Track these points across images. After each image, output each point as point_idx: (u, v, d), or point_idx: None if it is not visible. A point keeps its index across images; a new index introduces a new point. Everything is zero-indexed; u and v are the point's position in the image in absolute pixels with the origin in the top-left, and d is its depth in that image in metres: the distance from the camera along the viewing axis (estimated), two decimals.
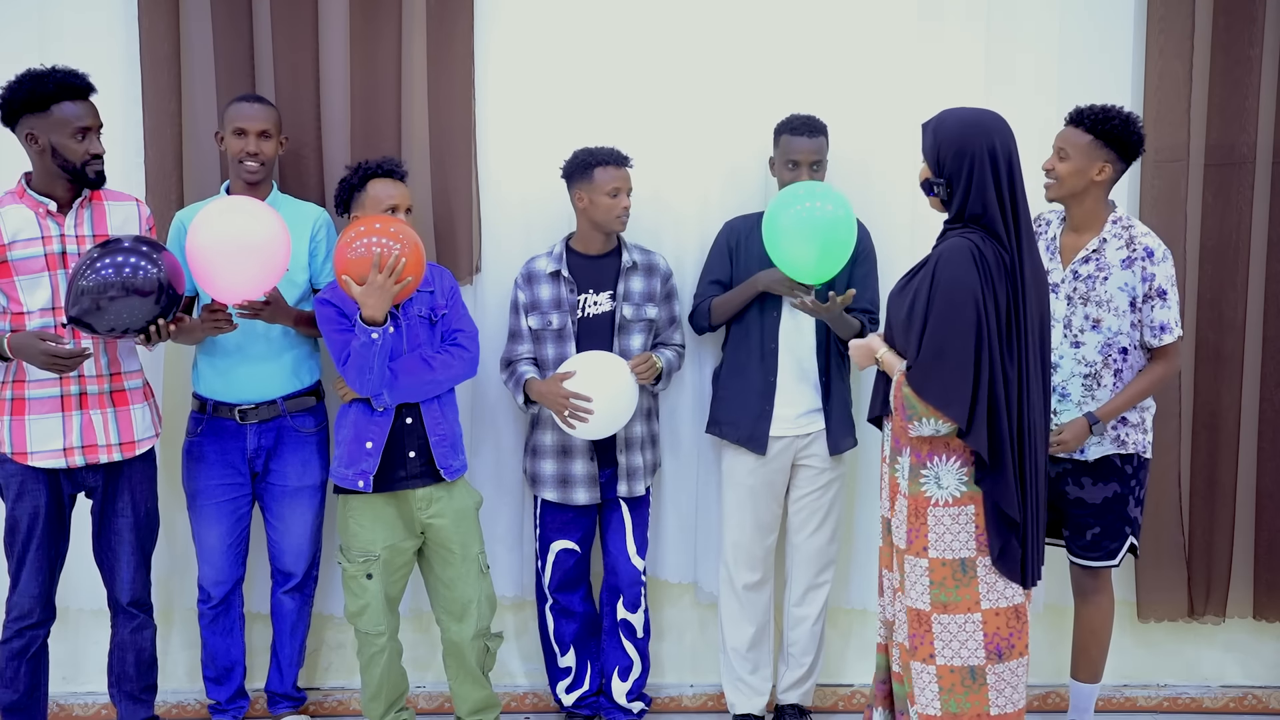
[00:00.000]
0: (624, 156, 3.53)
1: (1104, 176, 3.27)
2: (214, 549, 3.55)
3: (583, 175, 3.51)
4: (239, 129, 3.42)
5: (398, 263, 3.12)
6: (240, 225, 3.17)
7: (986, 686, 2.76)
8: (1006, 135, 2.78)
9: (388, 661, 3.49)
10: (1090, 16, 3.75)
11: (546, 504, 3.64)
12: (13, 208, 3.18)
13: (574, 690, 3.75)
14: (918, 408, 2.73)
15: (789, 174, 3.52)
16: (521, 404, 3.57)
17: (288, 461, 3.53)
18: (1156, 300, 3.27)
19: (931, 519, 2.78)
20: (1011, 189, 2.75)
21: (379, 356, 3.20)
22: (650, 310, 3.61)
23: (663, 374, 3.58)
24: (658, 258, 3.68)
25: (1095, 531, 3.38)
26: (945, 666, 2.77)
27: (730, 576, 3.71)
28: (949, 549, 2.76)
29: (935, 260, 2.75)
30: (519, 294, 3.61)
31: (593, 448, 3.58)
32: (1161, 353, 3.33)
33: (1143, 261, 3.26)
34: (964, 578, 2.76)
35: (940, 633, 2.77)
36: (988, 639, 2.76)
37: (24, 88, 3.10)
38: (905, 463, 2.85)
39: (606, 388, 3.43)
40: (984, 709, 2.77)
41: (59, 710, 3.85)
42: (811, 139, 3.51)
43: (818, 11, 3.74)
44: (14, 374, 3.19)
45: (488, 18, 3.76)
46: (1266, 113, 3.70)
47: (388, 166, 3.38)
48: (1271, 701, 3.96)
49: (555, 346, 3.57)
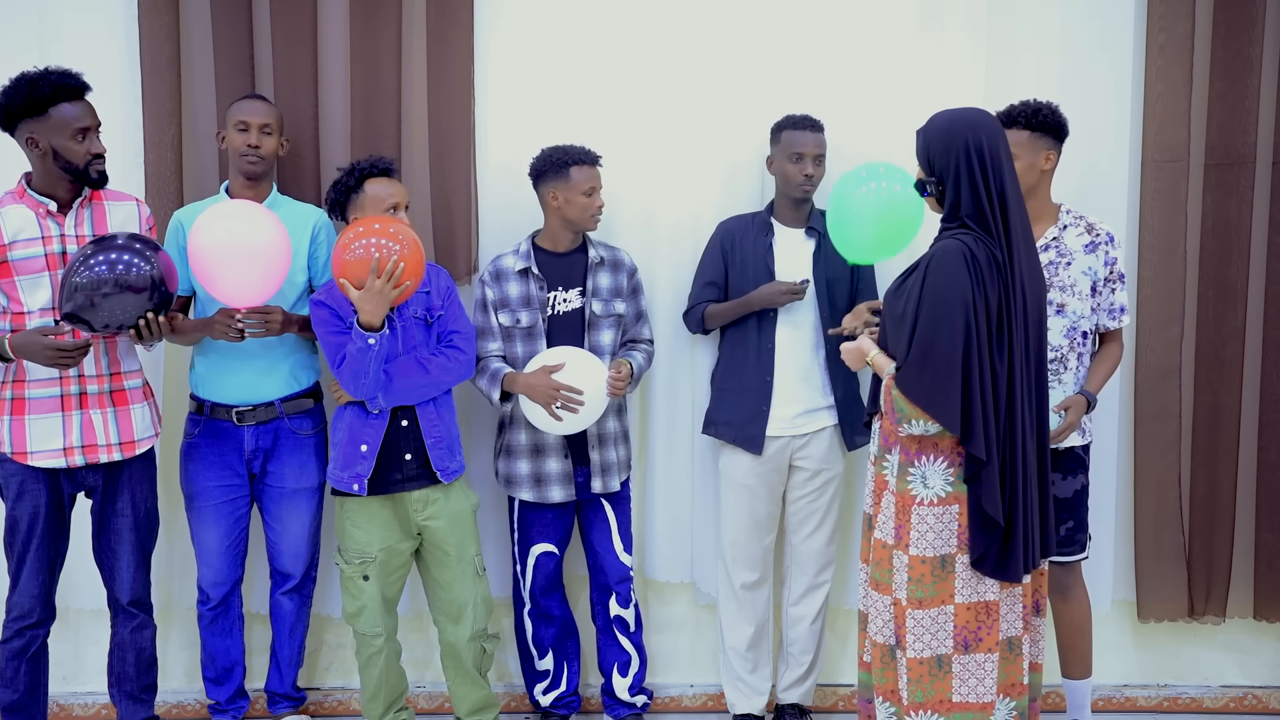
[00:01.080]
0: (595, 155, 3.54)
1: (1051, 164, 3.39)
2: (212, 550, 3.55)
3: (557, 174, 3.50)
4: (241, 123, 3.43)
5: (396, 267, 3.10)
6: (243, 231, 3.17)
7: (951, 675, 2.80)
8: (992, 132, 2.78)
9: (386, 662, 3.49)
10: (1090, 17, 3.75)
11: (524, 506, 3.62)
12: (13, 208, 3.18)
13: (551, 692, 3.75)
14: (905, 410, 2.74)
15: (792, 166, 3.53)
16: (496, 399, 3.54)
17: (285, 463, 3.53)
18: (1117, 283, 3.40)
19: (915, 517, 2.79)
20: (1000, 184, 2.75)
21: (375, 361, 3.19)
22: (619, 305, 3.61)
23: (633, 378, 3.58)
24: (622, 253, 3.68)
25: (1069, 526, 3.42)
26: (915, 659, 2.81)
27: (729, 576, 3.71)
28: (930, 546, 2.78)
29: (927, 262, 2.76)
30: (486, 291, 3.58)
31: (566, 445, 3.57)
32: (1116, 334, 3.46)
33: (1105, 246, 3.38)
34: (942, 573, 2.78)
35: (913, 627, 2.80)
36: (957, 630, 2.79)
37: (20, 92, 3.10)
38: (894, 461, 2.86)
39: (592, 380, 3.43)
40: (946, 695, 2.81)
41: (59, 710, 3.86)
42: (815, 133, 3.55)
43: (818, 13, 3.74)
44: (14, 374, 3.19)
45: (488, 18, 3.76)
46: (1266, 113, 3.70)
47: (382, 165, 3.37)
48: (1271, 701, 3.96)
49: (525, 344, 3.55)
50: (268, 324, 3.33)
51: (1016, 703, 2.87)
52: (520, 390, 3.46)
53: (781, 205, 3.63)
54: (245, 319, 3.29)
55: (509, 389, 3.49)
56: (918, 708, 2.82)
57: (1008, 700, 2.87)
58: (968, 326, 2.67)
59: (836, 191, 3.38)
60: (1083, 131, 3.70)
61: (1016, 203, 2.78)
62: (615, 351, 3.61)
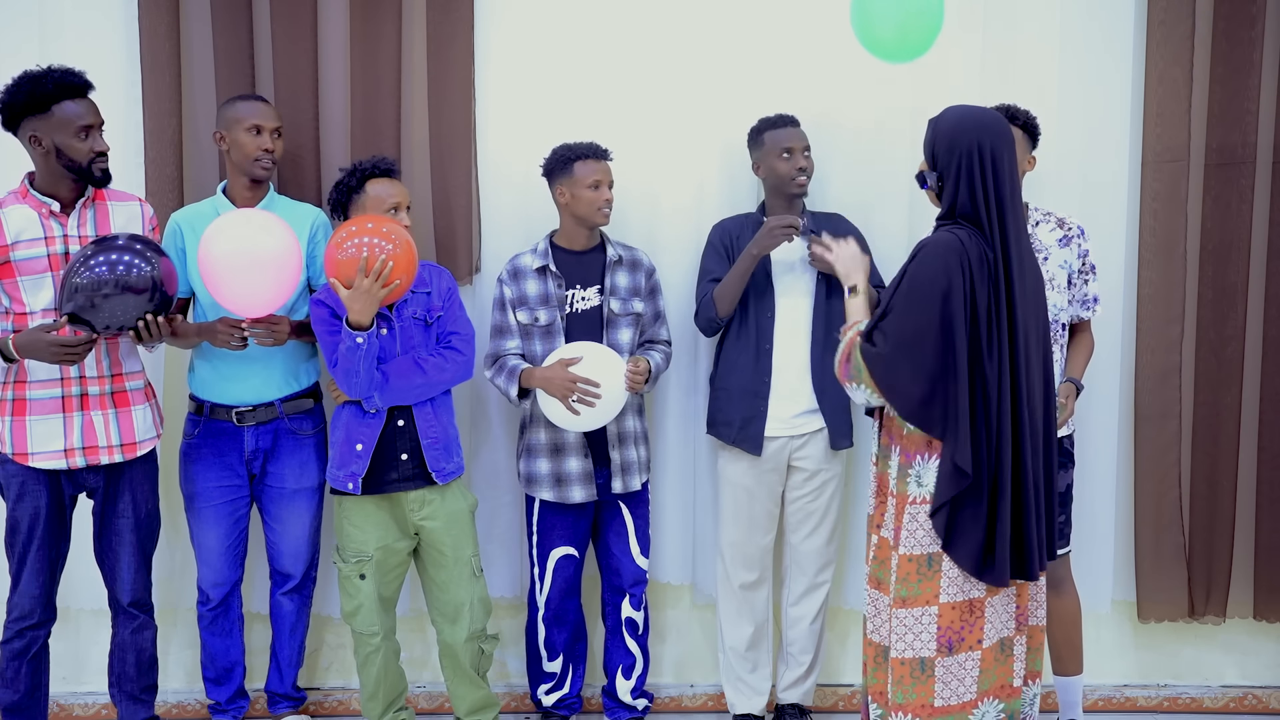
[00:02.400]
0: (603, 150, 3.53)
1: (1032, 165, 3.48)
2: (212, 550, 3.55)
3: (563, 170, 3.50)
4: (255, 126, 3.41)
5: (385, 266, 3.09)
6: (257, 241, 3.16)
7: (934, 679, 2.78)
8: (999, 136, 2.77)
9: (384, 661, 3.49)
10: (1090, 18, 3.75)
11: (545, 507, 3.61)
12: (15, 208, 3.18)
13: (555, 693, 3.75)
14: (862, 373, 2.77)
15: (784, 163, 3.52)
16: (515, 397, 3.53)
17: (285, 463, 3.53)
18: (1090, 274, 3.47)
19: (907, 516, 2.79)
20: (997, 188, 2.74)
21: (365, 360, 3.18)
22: (636, 304, 3.61)
23: (651, 377, 3.58)
24: (640, 253, 3.67)
25: (1061, 519, 3.45)
26: (897, 659, 2.80)
27: (728, 576, 3.71)
28: (919, 545, 2.78)
29: (918, 250, 2.77)
30: (505, 290, 3.58)
31: (586, 445, 3.57)
32: (1088, 325, 3.53)
33: (1078, 239, 3.45)
34: (928, 572, 2.77)
35: (897, 626, 2.79)
36: (940, 632, 2.77)
37: (23, 90, 3.10)
38: (895, 462, 2.86)
39: (610, 375, 3.42)
40: (929, 700, 2.78)
41: (59, 710, 3.86)
42: (795, 127, 3.57)
43: (818, 12, 3.73)
44: (15, 375, 3.19)
45: (488, 17, 3.76)
46: (1267, 113, 3.70)
47: (384, 166, 3.37)
48: (1271, 701, 3.97)
49: (543, 342, 3.55)
50: (275, 334, 3.34)
51: (1006, 705, 2.85)
52: (537, 384, 3.44)
53: (775, 205, 3.62)
54: (252, 329, 3.30)
55: (526, 384, 3.48)
56: (899, 709, 2.81)
57: (996, 702, 2.84)
58: (945, 319, 2.67)
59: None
60: (1083, 132, 3.72)
61: (1014, 209, 2.77)
62: (634, 350, 3.60)
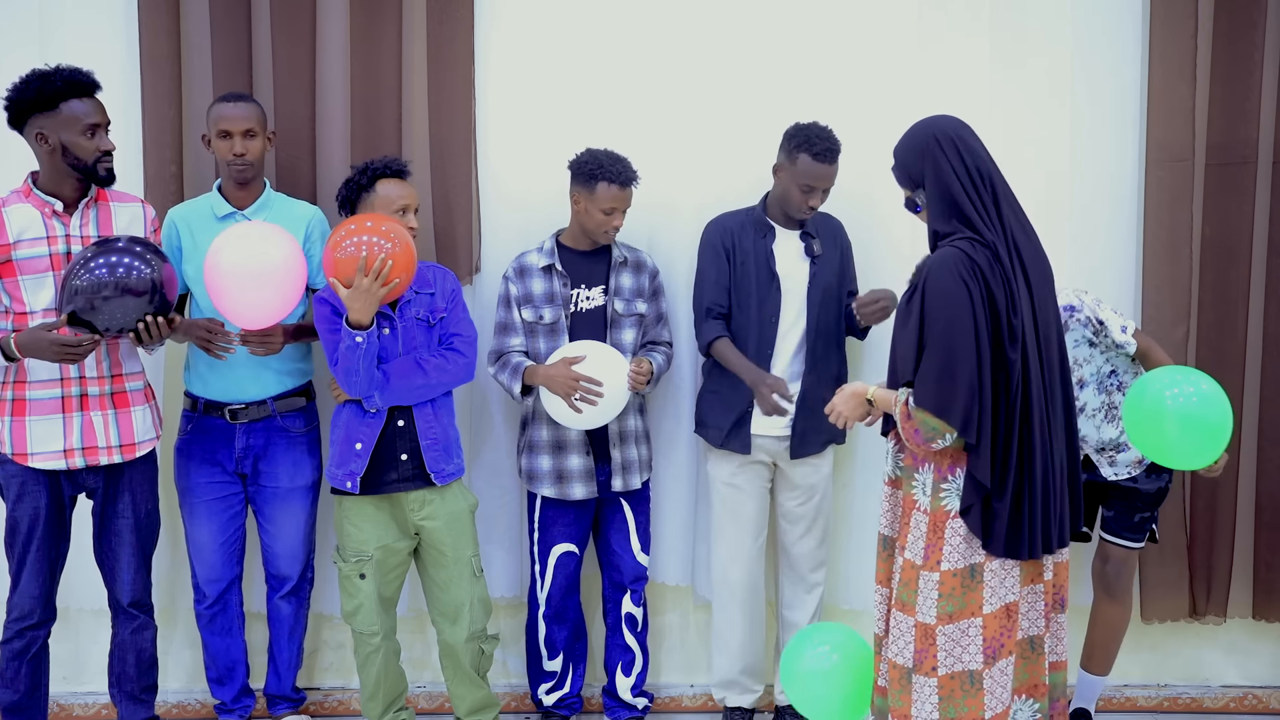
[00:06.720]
0: (631, 175, 3.48)
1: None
2: (205, 546, 3.55)
3: (586, 182, 3.48)
4: (223, 131, 3.40)
5: (384, 265, 3.09)
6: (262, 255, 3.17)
7: (983, 691, 2.74)
8: (953, 125, 2.78)
9: (384, 661, 3.49)
10: (1095, 18, 3.74)
11: (546, 504, 3.62)
12: (18, 207, 3.17)
13: (555, 692, 3.75)
14: (935, 427, 2.68)
15: (800, 195, 3.46)
16: (518, 393, 3.53)
17: (279, 462, 3.53)
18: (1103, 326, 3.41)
19: (949, 531, 2.75)
20: (977, 168, 2.73)
21: (364, 360, 3.19)
22: (640, 305, 3.61)
23: (652, 377, 3.57)
24: (645, 255, 3.67)
25: (1144, 515, 3.52)
26: (946, 675, 2.75)
27: (722, 576, 3.71)
28: (962, 558, 2.74)
29: (924, 279, 2.72)
30: (510, 287, 3.58)
31: (587, 442, 3.57)
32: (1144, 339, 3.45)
33: (1069, 317, 3.39)
34: (971, 583, 2.74)
35: (944, 643, 2.74)
36: (986, 643, 2.74)
37: (31, 87, 3.10)
38: (927, 479, 2.80)
39: (613, 374, 3.42)
40: (979, 713, 2.75)
41: (59, 710, 3.86)
42: (832, 164, 3.45)
43: (821, 12, 3.73)
44: (15, 375, 3.18)
45: (488, 18, 3.75)
46: (1268, 113, 3.70)
47: (395, 166, 3.37)
48: (1271, 701, 3.97)
49: (547, 340, 3.55)
50: (268, 345, 3.35)
51: (1040, 704, 2.84)
52: (540, 382, 3.45)
53: (776, 210, 3.59)
54: (247, 340, 3.32)
55: (529, 382, 3.49)
56: None
57: (1030, 701, 2.83)
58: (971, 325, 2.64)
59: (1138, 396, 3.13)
60: (1088, 133, 3.72)
61: (1001, 180, 2.76)
62: (636, 351, 3.61)
